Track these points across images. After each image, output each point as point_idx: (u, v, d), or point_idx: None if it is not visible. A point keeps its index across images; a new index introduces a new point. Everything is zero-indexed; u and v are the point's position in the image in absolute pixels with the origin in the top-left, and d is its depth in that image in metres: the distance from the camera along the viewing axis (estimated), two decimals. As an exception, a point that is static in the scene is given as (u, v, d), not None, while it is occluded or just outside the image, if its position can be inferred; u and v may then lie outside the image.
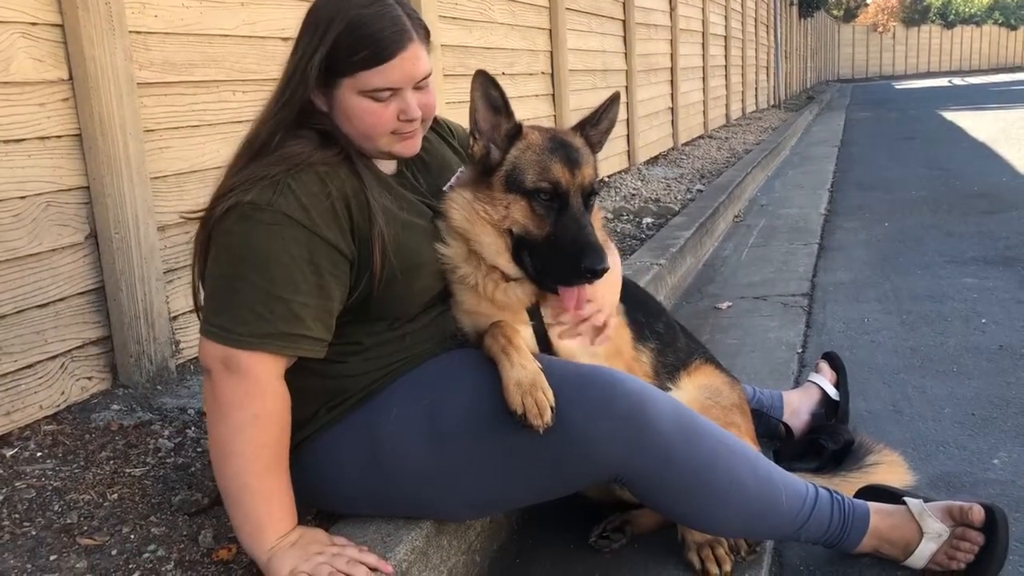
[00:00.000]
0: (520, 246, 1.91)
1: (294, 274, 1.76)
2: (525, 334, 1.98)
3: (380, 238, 1.84)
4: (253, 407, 1.75)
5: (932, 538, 1.97)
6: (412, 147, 1.98)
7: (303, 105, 1.89)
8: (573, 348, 2.03)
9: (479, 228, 1.94)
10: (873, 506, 2.03)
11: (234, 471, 1.76)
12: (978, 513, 1.95)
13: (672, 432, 1.85)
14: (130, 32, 2.88)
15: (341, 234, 1.81)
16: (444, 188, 2.08)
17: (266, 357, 1.76)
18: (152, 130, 3.01)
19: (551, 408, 1.77)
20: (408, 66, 1.87)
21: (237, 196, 1.77)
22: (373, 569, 1.74)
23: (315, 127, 1.90)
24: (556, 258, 1.87)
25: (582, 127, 2.05)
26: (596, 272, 1.83)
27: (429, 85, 1.96)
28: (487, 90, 1.93)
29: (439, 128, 2.27)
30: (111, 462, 2.44)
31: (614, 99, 2.06)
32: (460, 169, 2.13)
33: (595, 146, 2.05)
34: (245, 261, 1.75)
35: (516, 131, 1.96)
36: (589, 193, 1.95)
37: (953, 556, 1.97)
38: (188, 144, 3.18)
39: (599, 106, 2.05)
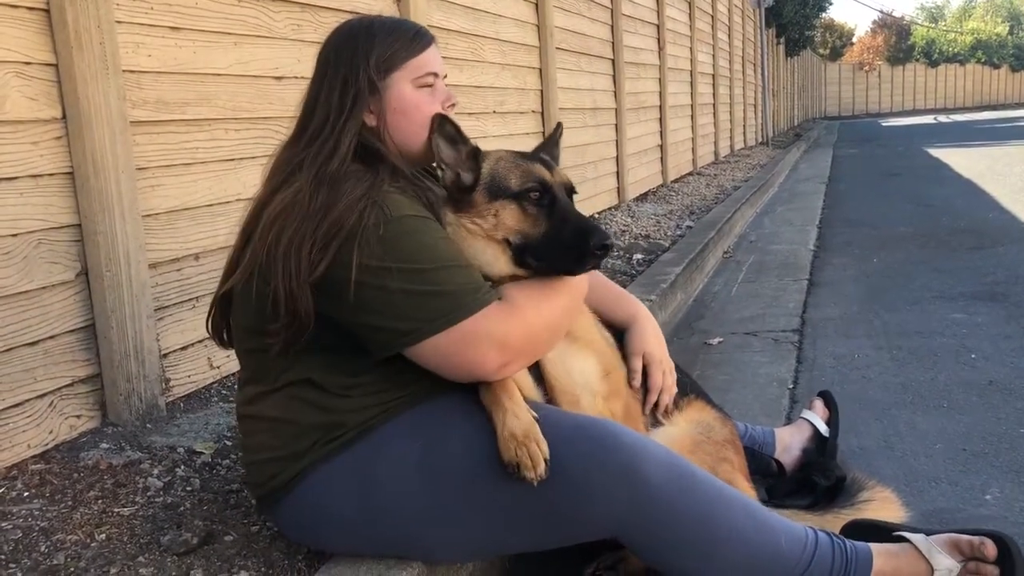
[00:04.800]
0: (522, 251, 1.93)
1: (453, 247, 1.88)
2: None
3: None
4: (540, 301, 1.90)
5: (943, 575, 1.92)
6: None
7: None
8: (567, 382, 2.04)
9: (471, 241, 1.95)
10: (876, 547, 1.97)
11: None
12: (991, 548, 1.89)
13: (667, 485, 1.82)
14: (124, 71, 2.90)
15: None
16: None
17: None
18: (144, 168, 3.02)
19: (545, 460, 1.76)
20: (438, 56, 2.07)
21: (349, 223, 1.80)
22: None
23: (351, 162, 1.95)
24: (560, 247, 1.90)
25: (544, 149, 2.16)
26: (606, 247, 1.88)
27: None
28: (444, 128, 2.00)
29: None
30: (99, 501, 2.41)
31: (558, 126, 2.24)
32: None
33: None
34: (415, 261, 1.81)
35: (476, 151, 2.02)
36: (570, 190, 2.01)
37: None
38: (180, 182, 3.19)
39: (551, 133, 2.20)
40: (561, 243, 1.89)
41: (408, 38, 2.02)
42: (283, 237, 1.83)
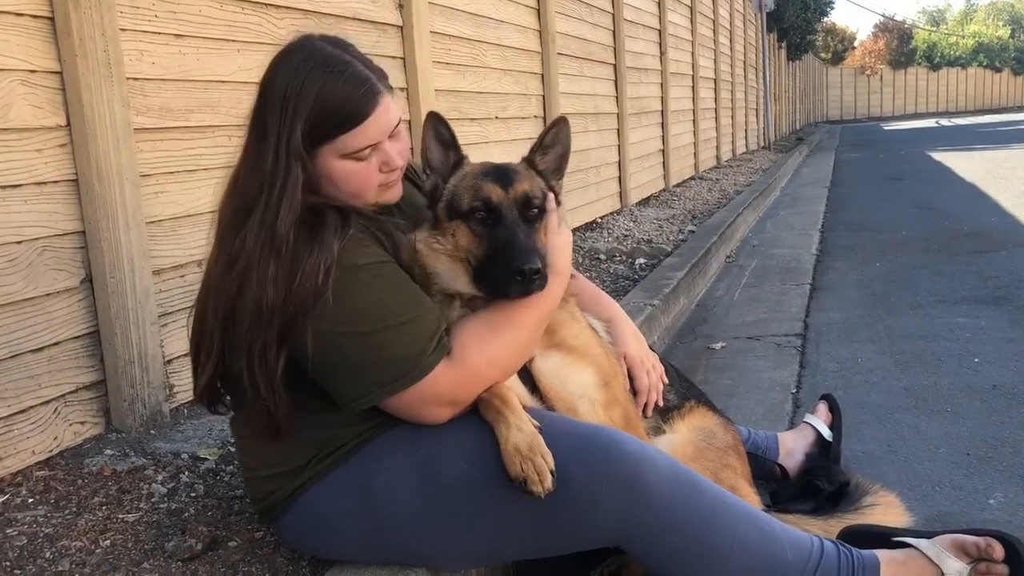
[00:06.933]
0: (475, 273, 1.92)
1: (404, 293, 1.86)
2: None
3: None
4: (491, 338, 1.89)
5: None
6: (396, 193, 2.04)
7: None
8: (561, 391, 2.04)
9: (434, 258, 1.95)
10: (882, 555, 1.96)
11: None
12: (999, 549, 1.90)
13: (671, 494, 1.82)
14: (128, 79, 2.91)
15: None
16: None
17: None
18: (148, 175, 3.03)
19: (551, 473, 1.75)
20: (382, 122, 1.92)
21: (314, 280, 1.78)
22: None
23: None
24: (492, 269, 1.88)
25: (530, 154, 2.06)
26: (524, 272, 1.82)
27: (401, 131, 2.00)
28: (437, 129, 1.98)
29: (408, 171, 2.30)
30: (104, 508, 2.42)
31: (558, 122, 2.06)
32: None
33: (548, 173, 2.05)
34: (363, 323, 1.80)
35: (458, 162, 2.00)
36: (526, 205, 1.93)
37: None
38: (184, 188, 3.20)
39: (545, 130, 2.06)
40: (494, 265, 1.87)
41: (347, 112, 1.87)
42: (241, 326, 1.82)
